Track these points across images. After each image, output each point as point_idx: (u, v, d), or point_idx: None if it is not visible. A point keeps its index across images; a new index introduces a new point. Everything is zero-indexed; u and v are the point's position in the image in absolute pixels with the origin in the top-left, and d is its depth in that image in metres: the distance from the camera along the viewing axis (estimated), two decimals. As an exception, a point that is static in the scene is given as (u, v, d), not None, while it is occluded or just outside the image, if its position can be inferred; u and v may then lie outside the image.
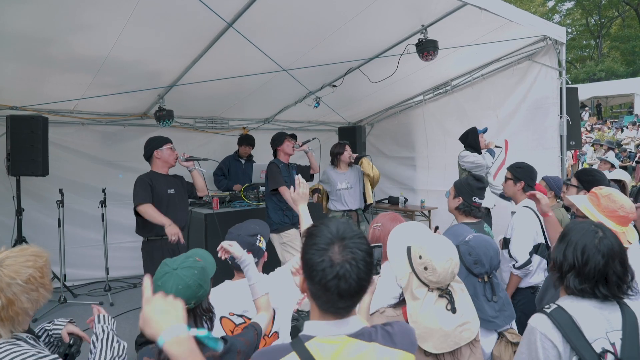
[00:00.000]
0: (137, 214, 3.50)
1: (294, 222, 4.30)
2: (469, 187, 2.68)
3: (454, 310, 1.52)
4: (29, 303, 1.44)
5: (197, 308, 1.46)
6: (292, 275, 2.03)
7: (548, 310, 1.45)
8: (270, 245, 4.14)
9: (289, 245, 4.26)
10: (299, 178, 2.22)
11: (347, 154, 4.74)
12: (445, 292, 1.56)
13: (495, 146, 4.67)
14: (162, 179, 3.63)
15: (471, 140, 4.61)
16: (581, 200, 2.01)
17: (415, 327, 1.48)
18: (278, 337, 1.92)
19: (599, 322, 1.42)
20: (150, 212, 3.38)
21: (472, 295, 1.83)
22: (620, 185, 3.73)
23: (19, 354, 1.37)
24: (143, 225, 3.55)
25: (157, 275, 1.43)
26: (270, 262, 2.07)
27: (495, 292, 1.85)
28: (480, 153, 4.57)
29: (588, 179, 2.66)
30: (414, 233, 1.77)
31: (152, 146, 3.65)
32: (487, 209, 4.45)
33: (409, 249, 1.65)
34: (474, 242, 1.91)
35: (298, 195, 2.16)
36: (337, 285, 1.07)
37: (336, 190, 4.73)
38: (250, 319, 1.87)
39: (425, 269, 1.54)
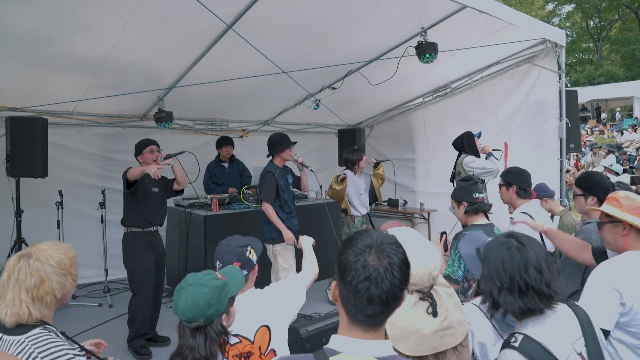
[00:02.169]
0: (127, 186, 3.74)
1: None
2: (464, 189, 2.76)
3: (435, 314, 1.50)
4: (57, 285, 1.60)
5: (208, 327, 1.44)
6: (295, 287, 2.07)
7: (516, 344, 1.40)
8: (264, 257, 3.98)
9: (279, 254, 4.13)
10: (300, 241, 2.40)
11: (365, 158, 4.85)
12: (426, 295, 1.54)
13: (494, 149, 4.66)
14: (149, 178, 3.76)
15: (468, 145, 4.60)
16: (605, 208, 2.01)
17: (390, 328, 1.43)
18: (275, 355, 1.89)
19: (564, 337, 1.41)
20: (133, 169, 3.63)
21: None
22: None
23: (56, 343, 1.54)
24: (127, 217, 3.85)
25: (177, 288, 1.47)
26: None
27: None
28: (478, 157, 4.56)
29: (589, 184, 2.66)
30: (397, 237, 1.75)
31: (135, 153, 3.94)
32: None
33: None
34: None
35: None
36: (367, 288, 1.04)
37: (359, 195, 4.80)
38: (246, 338, 1.82)
39: None
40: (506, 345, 1.44)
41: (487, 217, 2.83)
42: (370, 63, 4.92)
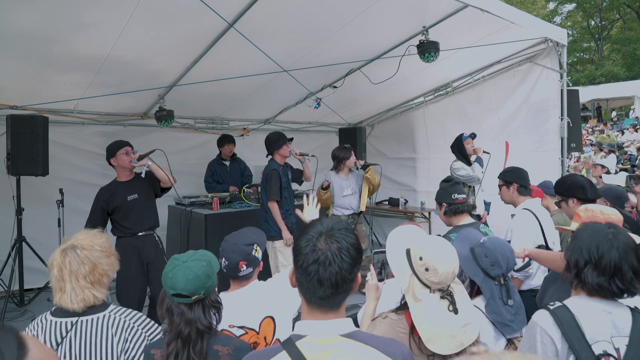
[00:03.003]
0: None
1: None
2: (444, 191, 2.80)
3: (455, 311, 1.52)
4: (108, 266, 1.71)
5: (206, 299, 1.52)
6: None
7: (551, 307, 1.47)
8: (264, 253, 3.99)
9: (278, 250, 4.16)
10: (309, 198, 2.18)
11: (353, 159, 4.68)
12: (446, 293, 1.55)
13: (484, 152, 4.66)
14: (123, 187, 3.67)
15: (457, 149, 4.64)
16: (572, 226, 2.07)
17: (422, 329, 1.48)
18: None
19: (605, 325, 1.42)
20: None
21: (489, 299, 1.83)
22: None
23: (134, 312, 1.69)
24: (114, 227, 3.73)
25: (167, 269, 1.50)
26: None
27: (510, 295, 1.85)
28: (468, 161, 4.58)
29: (564, 187, 2.73)
30: (412, 235, 1.77)
31: (108, 155, 3.65)
32: (478, 216, 4.44)
33: (408, 251, 1.64)
34: (490, 243, 1.91)
35: (307, 215, 2.14)
36: (316, 271, 1.10)
37: (342, 197, 4.66)
38: (251, 329, 1.84)
39: (427, 270, 1.53)
40: (544, 306, 1.51)
41: (471, 216, 2.84)
42: (372, 62, 4.91)
